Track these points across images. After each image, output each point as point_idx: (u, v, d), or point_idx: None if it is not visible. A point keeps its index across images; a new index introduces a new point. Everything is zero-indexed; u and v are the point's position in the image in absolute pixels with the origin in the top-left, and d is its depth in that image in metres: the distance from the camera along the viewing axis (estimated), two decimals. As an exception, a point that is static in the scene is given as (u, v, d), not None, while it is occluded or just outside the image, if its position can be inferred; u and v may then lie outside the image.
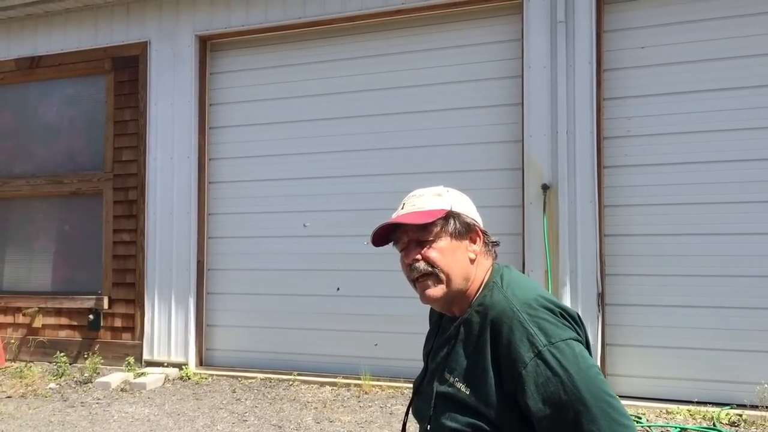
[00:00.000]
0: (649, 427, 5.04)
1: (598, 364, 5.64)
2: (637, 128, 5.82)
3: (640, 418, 5.21)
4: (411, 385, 1.90)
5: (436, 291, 1.70)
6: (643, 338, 5.73)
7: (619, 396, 5.51)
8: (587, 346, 1.63)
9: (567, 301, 5.75)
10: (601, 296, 5.75)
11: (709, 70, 5.67)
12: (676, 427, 5.00)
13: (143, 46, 7.40)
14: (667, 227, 5.71)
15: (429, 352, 1.86)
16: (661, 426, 5.07)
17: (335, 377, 6.46)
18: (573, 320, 1.63)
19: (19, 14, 7.81)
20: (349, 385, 6.33)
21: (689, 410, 5.34)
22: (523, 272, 5.83)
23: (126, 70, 7.50)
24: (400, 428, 2.02)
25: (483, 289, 1.72)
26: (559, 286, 5.83)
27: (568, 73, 5.92)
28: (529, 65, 6.05)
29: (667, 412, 5.38)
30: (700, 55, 5.70)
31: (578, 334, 1.61)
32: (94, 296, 7.50)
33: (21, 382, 6.76)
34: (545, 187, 5.93)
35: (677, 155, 5.71)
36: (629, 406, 5.41)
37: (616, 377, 5.70)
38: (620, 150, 5.86)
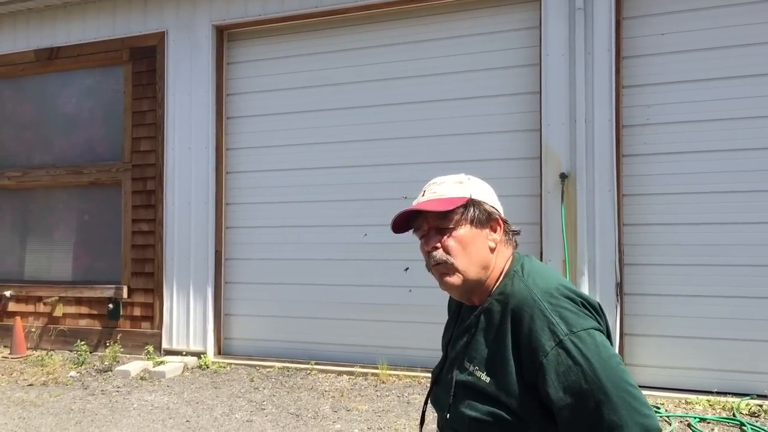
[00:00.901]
0: (668, 417, 5.01)
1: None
2: (657, 116, 5.77)
3: (659, 408, 5.19)
4: (428, 375, 1.90)
5: (454, 279, 1.69)
6: (662, 328, 5.70)
7: (638, 386, 5.49)
8: (608, 336, 1.62)
9: (585, 291, 5.72)
10: (619, 286, 5.72)
11: (730, 57, 5.59)
12: (695, 418, 4.97)
13: (161, 37, 7.42)
14: (687, 216, 5.66)
15: (448, 341, 1.85)
16: (680, 416, 5.04)
17: (352, 366, 6.48)
18: (594, 310, 1.62)
19: (39, 5, 7.86)
20: (366, 374, 6.35)
21: (708, 400, 5.31)
22: (541, 262, 5.82)
23: (144, 60, 7.53)
24: (419, 417, 2.02)
25: (503, 278, 1.71)
26: (578, 276, 5.81)
27: (587, 61, 5.87)
28: (547, 53, 6.01)
29: (686, 403, 5.35)
30: (722, 41, 5.62)
31: (599, 323, 1.60)
32: (113, 286, 7.57)
33: (42, 370, 6.84)
34: (563, 176, 5.89)
35: (697, 143, 5.65)
36: (648, 396, 5.37)
37: (635, 367, 5.67)
38: (639, 138, 5.81)
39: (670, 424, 4.87)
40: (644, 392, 5.11)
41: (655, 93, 5.78)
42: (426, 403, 1.92)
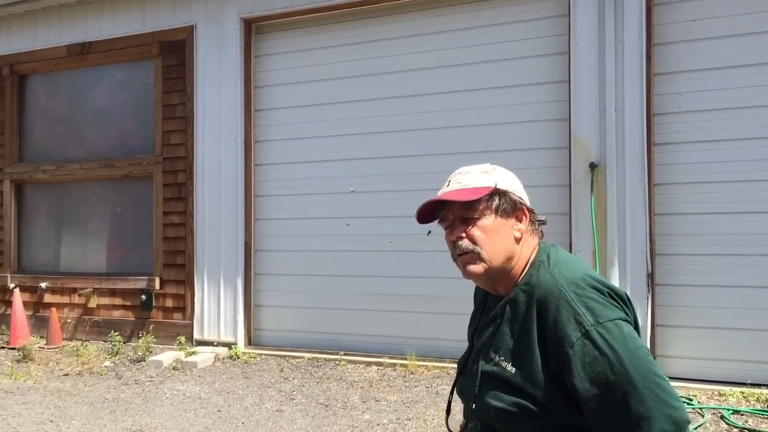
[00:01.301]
0: (701, 409, 4.95)
1: (648, 345, 5.56)
2: (689, 104, 5.67)
3: (691, 400, 5.13)
4: (457, 366, 1.90)
5: (478, 267, 1.68)
6: (694, 319, 5.62)
7: (670, 378, 5.42)
8: (636, 327, 1.60)
9: (615, 282, 5.67)
10: (650, 276, 5.65)
11: (763, 43, 5.47)
12: (728, 410, 4.90)
13: (190, 30, 7.48)
14: (720, 205, 5.57)
15: (474, 331, 1.85)
16: (713, 408, 4.98)
17: (381, 357, 6.50)
18: (621, 300, 1.60)
19: (70, 1, 7.97)
20: (395, 365, 6.37)
21: (742, 392, 5.23)
22: (570, 252, 5.77)
23: (173, 54, 7.60)
24: (445, 407, 2.02)
25: (529, 268, 1.70)
26: (608, 266, 5.75)
27: (617, 49, 5.79)
28: (576, 41, 5.94)
29: (720, 394, 5.28)
30: (755, 27, 5.50)
31: (626, 314, 1.58)
32: (146, 277, 7.68)
33: (77, 360, 6.98)
34: (593, 166, 5.83)
35: (730, 131, 5.55)
36: (680, 388, 5.32)
37: (667, 359, 5.61)
38: (671, 127, 5.72)
39: (702, 416, 4.81)
40: (676, 384, 5.03)
41: (687, 80, 5.69)
42: (452, 393, 1.93)
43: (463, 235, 1.68)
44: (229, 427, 4.88)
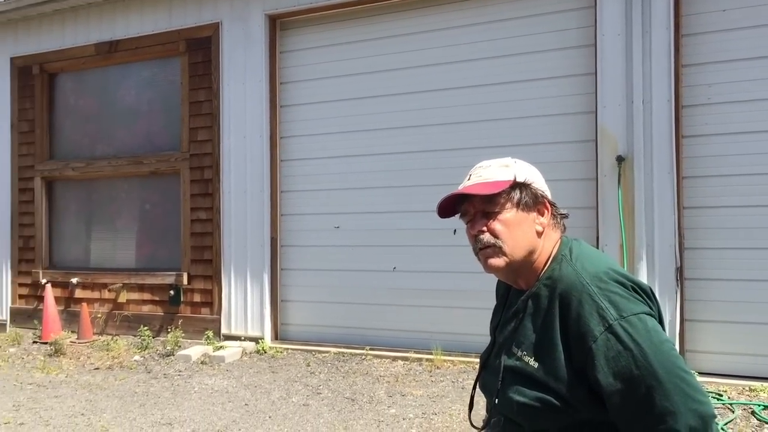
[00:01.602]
0: (731, 404, 4.88)
1: (677, 340, 5.50)
2: (718, 95, 5.58)
3: (721, 396, 5.06)
4: (479, 360, 1.90)
5: (499, 261, 1.67)
6: (724, 313, 5.53)
7: (700, 373, 5.37)
8: (660, 321, 1.58)
9: (644, 276, 5.61)
10: (679, 270, 5.58)
11: (796, 32, 5.37)
12: (759, 405, 4.83)
13: (215, 27, 7.54)
14: (750, 198, 5.48)
15: (496, 326, 1.84)
16: (744, 404, 4.90)
17: (407, 352, 6.51)
18: (645, 294, 1.58)
19: None
20: (420, 359, 6.37)
21: (774, 388, 5.15)
22: (597, 246, 5.72)
23: (199, 51, 7.66)
24: (467, 402, 2.02)
25: (551, 262, 1.69)
26: (636, 261, 5.69)
27: (644, 40, 5.72)
28: (603, 33, 5.87)
29: (750, 390, 5.20)
30: (787, 16, 5.39)
31: (650, 308, 1.56)
32: (174, 272, 7.77)
33: (108, 354, 7.09)
34: (620, 159, 5.77)
35: (761, 123, 5.45)
36: (710, 384, 5.26)
37: (696, 354, 5.54)
38: (700, 119, 5.64)
39: (733, 412, 4.74)
40: (706, 379, 4.97)
41: (717, 71, 5.59)
42: (474, 388, 1.92)
43: (485, 228, 1.67)
44: (256, 421, 4.92)
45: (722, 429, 4.43)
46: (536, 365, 1.60)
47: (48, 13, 8.48)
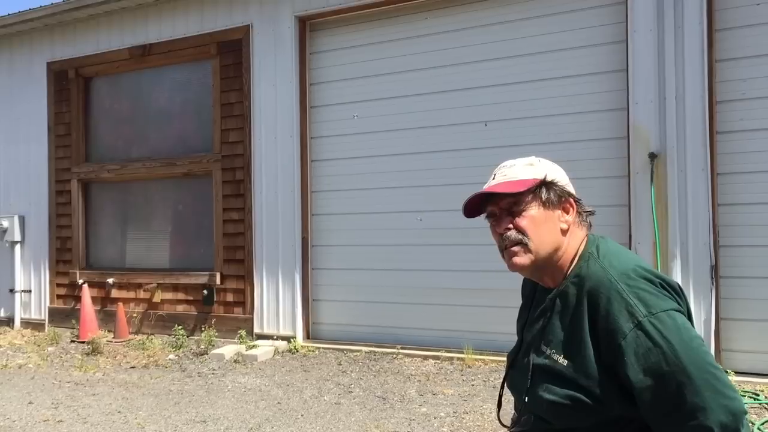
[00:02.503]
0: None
1: (713, 339, 5.42)
2: (753, 90, 5.49)
3: (758, 395, 4.97)
4: (506, 360, 1.90)
5: (524, 259, 1.68)
6: (760, 312, 5.44)
7: (735, 372, 5.29)
8: (689, 317, 1.57)
9: (677, 275, 5.54)
10: (714, 269, 5.50)
11: (834, 25, 5.26)
12: (798, 406, 4.74)
13: (246, 30, 7.61)
14: (787, 195, 5.38)
15: (524, 324, 1.84)
16: (782, 404, 4.82)
17: (438, 351, 6.51)
18: (674, 291, 1.57)
19: (131, 4, 8.21)
20: (452, 358, 6.36)
21: (813, 388, 5.05)
22: (630, 245, 5.67)
23: (230, 53, 7.75)
24: (496, 401, 2.02)
25: (578, 260, 1.69)
26: (669, 259, 5.62)
27: (677, 36, 5.65)
28: (635, 29, 5.81)
29: (788, 390, 5.11)
30: (825, 8, 5.29)
31: (679, 304, 1.56)
32: (207, 272, 7.86)
33: (143, 353, 7.20)
34: (653, 156, 5.70)
35: (798, 118, 5.34)
36: (745, 383, 5.17)
37: (732, 353, 5.46)
38: (735, 114, 5.55)
39: (770, 412, 4.66)
40: (741, 379, 4.90)
41: (751, 66, 5.50)
42: (502, 387, 1.92)
43: (510, 226, 1.68)
44: (289, 419, 4.97)
45: (759, 429, 4.36)
46: (566, 363, 1.60)
47: (83, 19, 8.65)
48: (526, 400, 1.70)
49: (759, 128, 5.47)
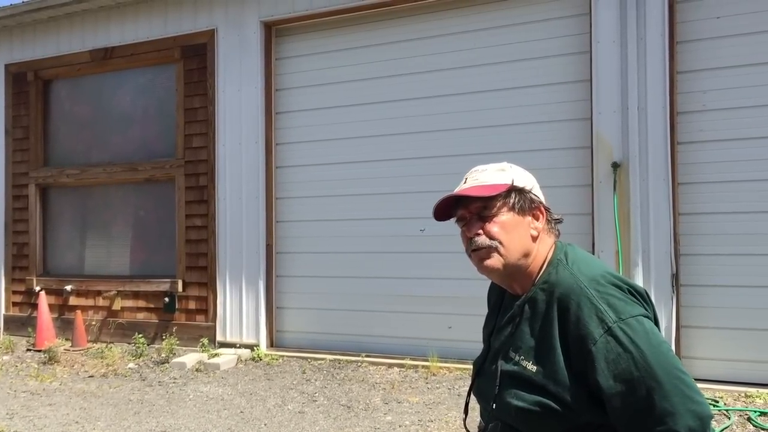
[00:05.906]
0: (727, 410, 4.88)
1: (673, 346, 5.49)
2: (713, 102, 5.60)
3: (717, 402, 5.05)
4: (472, 367, 1.89)
5: (494, 262, 1.67)
6: (720, 320, 5.54)
7: (696, 379, 5.33)
8: (656, 323, 1.59)
9: (639, 282, 5.61)
10: (675, 277, 5.59)
11: (790, 39, 5.39)
12: (755, 411, 4.83)
13: (211, 34, 7.54)
14: (745, 204, 5.49)
15: (491, 332, 1.84)
16: (740, 410, 4.90)
17: (403, 359, 6.49)
18: (641, 297, 1.59)
19: (93, 6, 8.06)
20: (416, 366, 6.35)
21: (770, 394, 5.15)
22: (593, 252, 5.73)
23: (195, 58, 7.66)
24: (462, 408, 2.01)
25: (547, 266, 1.69)
26: (631, 267, 5.69)
27: (639, 47, 5.74)
28: (598, 40, 5.89)
29: (746, 396, 5.20)
30: (781, 23, 5.42)
31: (647, 310, 1.57)
32: (169, 279, 7.74)
33: (102, 362, 7.05)
34: (615, 166, 5.78)
35: (756, 129, 5.47)
36: (705, 390, 5.25)
37: (692, 360, 5.54)
38: (695, 125, 5.65)
39: (729, 418, 4.74)
40: (702, 385, 4.95)
41: (712, 78, 5.61)
42: (469, 395, 1.92)
43: (480, 231, 1.67)
44: (252, 429, 4.90)
45: (719, 435, 4.42)
46: (535, 369, 1.60)
47: (43, 20, 8.48)
48: (494, 406, 1.69)
49: (718, 139, 5.58)
